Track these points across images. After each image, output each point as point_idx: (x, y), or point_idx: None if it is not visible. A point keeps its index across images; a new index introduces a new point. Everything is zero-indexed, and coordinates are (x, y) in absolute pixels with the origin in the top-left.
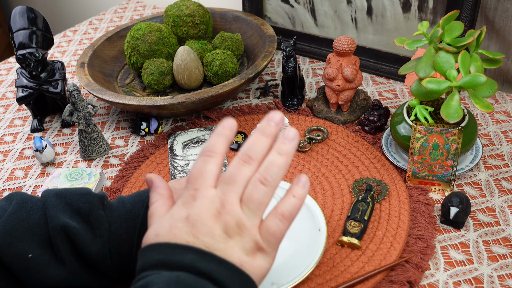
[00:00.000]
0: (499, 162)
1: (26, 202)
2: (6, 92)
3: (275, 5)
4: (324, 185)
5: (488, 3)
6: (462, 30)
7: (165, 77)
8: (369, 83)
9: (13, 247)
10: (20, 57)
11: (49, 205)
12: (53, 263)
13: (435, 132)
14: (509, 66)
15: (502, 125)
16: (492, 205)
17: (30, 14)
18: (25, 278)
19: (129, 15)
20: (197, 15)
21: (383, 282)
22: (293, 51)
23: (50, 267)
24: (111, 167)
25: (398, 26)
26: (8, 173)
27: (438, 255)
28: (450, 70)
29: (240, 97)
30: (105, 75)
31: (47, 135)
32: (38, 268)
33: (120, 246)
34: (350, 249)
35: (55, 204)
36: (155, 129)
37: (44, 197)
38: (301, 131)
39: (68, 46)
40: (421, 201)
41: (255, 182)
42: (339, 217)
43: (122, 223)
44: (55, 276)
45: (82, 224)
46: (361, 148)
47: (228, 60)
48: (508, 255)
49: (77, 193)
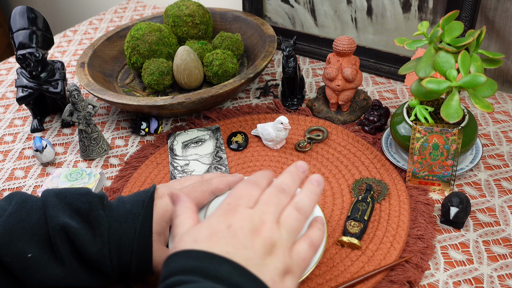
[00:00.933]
0: (499, 162)
1: (26, 202)
2: (6, 92)
3: (275, 5)
4: (324, 185)
5: (488, 3)
6: (462, 30)
7: (165, 77)
8: (369, 83)
9: (12, 247)
10: (20, 57)
11: (49, 205)
12: (52, 262)
13: (435, 132)
14: (509, 66)
15: (502, 125)
16: (492, 205)
17: (30, 14)
18: (25, 277)
19: (129, 15)
20: (197, 15)
21: (383, 282)
22: (293, 51)
23: (49, 266)
24: (111, 167)
25: (398, 26)
26: (8, 173)
27: (438, 255)
28: (450, 70)
29: (240, 97)
30: (105, 75)
31: (47, 135)
32: (37, 267)
33: (120, 246)
34: (350, 249)
35: (55, 204)
36: (155, 129)
37: (44, 197)
38: (301, 131)
39: (68, 46)
40: (421, 201)
41: (292, 209)
42: (339, 217)
43: (122, 223)
44: (55, 276)
45: (82, 223)
46: (361, 148)
47: (228, 60)
48: (508, 255)
49: (77, 193)
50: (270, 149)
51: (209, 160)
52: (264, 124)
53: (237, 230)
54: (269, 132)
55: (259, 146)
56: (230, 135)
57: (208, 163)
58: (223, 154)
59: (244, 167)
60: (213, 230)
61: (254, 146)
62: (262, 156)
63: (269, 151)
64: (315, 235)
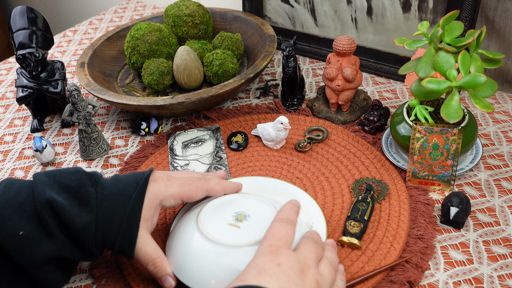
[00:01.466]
0: (499, 162)
1: (14, 183)
2: (6, 92)
3: (275, 5)
4: (324, 185)
5: (488, 3)
6: (462, 30)
7: (165, 77)
8: (369, 83)
9: (4, 226)
10: (20, 57)
11: (37, 182)
12: (44, 237)
13: (435, 132)
14: (509, 66)
15: (502, 125)
16: (492, 205)
17: (30, 14)
18: (19, 255)
19: (129, 15)
20: (197, 15)
21: (383, 282)
22: (293, 51)
23: (42, 241)
24: (111, 167)
25: (398, 26)
26: (8, 173)
27: (438, 255)
28: (450, 70)
29: (240, 97)
30: (105, 75)
31: (47, 135)
32: (30, 244)
33: (107, 225)
34: (350, 249)
35: (43, 181)
36: (155, 129)
37: (33, 177)
38: (301, 131)
39: (68, 46)
40: (421, 201)
41: (326, 261)
42: (339, 217)
43: (112, 202)
44: (47, 250)
45: (69, 200)
46: (361, 148)
47: (228, 60)
48: (508, 255)
49: (67, 171)
50: (270, 149)
51: (209, 160)
52: (264, 124)
53: (288, 269)
54: (269, 132)
55: (259, 146)
56: (230, 135)
57: (208, 163)
58: (223, 154)
59: (244, 167)
60: (262, 268)
61: (254, 146)
62: (262, 156)
63: (269, 151)
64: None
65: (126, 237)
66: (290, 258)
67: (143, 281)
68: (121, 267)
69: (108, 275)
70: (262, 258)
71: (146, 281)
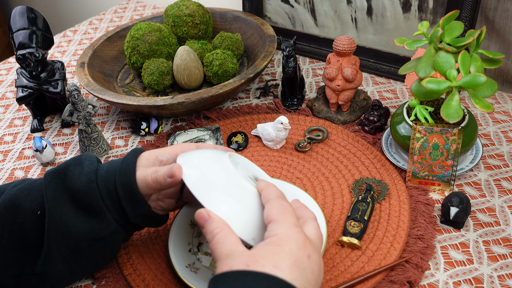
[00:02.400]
0: (499, 162)
1: (26, 179)
2: (6, 92)
3: (275, 5)
4: (324, 185)
5: (488, 3)
6: (462, 30)
7: (165, 77)
8: (369, 83)
9: (21, 208)
10: (20, 57)
11: (47, 170)
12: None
13: (435, 132)
14: (509, 66)
15: (502, 125)
16: (492, 205)
17: (30, 14)
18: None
19: (129, 15)
20: (197, 15)
21: (383, 282)
22: (293, 51)
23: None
24: None
25: (398, 26)
26: (8, 173)
27: (438, 255)
28: (450, 70)
29: (240, 97)
30: (105, 75)
31: (47, 135)
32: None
33: (106, 177)
34: (350, 249)
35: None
36: (155, 129)
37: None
38: (301, 131)
39: (68, 46)
40: (421, 201)
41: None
42: (339, 217)
43: (108, 163)
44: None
45: (73, 166)
46: (361, 148)
47: (228, 60)
48: (508, 255)
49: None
50: (270, 149)
51: None
52: (264, 124)
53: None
54: (269, 132)
55: (259, 146)
56: (230, 135)
57: None
58: None
59: None
60: (295, 259)
61: (254, 146)
62: (262, 156)
63: (269, 151)
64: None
65: (125, 172)
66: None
67: (143, 281)
68: (121, 267)
69: (108, 275)
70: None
71: (146, 281)
